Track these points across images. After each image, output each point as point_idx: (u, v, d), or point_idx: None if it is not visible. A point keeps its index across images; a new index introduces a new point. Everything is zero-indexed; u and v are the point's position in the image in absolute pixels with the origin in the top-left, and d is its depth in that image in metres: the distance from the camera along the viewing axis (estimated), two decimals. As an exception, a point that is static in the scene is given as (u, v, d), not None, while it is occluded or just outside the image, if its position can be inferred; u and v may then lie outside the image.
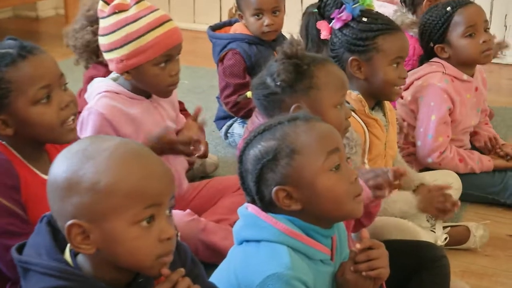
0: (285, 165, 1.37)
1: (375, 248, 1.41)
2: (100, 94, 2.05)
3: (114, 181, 1.14)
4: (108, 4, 2.02)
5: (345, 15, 2.10)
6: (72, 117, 1.70)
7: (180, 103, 2.69)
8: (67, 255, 1.22)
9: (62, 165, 1.17)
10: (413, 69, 2.65)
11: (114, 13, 1.99)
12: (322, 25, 2.18)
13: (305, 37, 2.36)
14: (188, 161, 2.27)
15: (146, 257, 1.18)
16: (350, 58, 2.08)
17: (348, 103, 1.97)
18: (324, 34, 2.17)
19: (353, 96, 2.09)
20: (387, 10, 3.17)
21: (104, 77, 2.16)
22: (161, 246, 1.18)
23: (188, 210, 2.09)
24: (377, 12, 2.17)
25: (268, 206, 1.41)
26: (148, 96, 2.13)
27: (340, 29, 2.12)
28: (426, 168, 2.51)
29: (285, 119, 1.42)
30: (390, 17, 3.03)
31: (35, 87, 1.61)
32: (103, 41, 2.03)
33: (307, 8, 2.50)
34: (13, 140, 1.66)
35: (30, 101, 1.61)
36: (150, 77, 2.02)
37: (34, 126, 1.63)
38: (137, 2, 2.00)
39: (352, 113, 2.01)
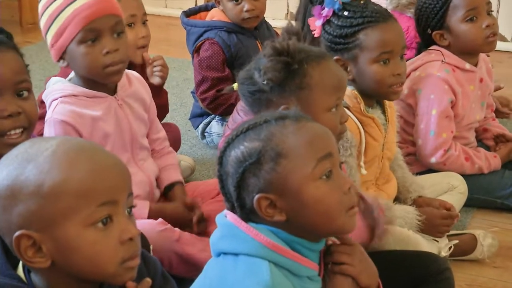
0: (269, 170, 1.36)
1: (347, 244, 1.47)
2: (56, 101, 2.05)
3: (59, 181, 1.14)
4: None
5: (326, 10, 2.11)
6: (18, 131, 1.69)
7: (164, 92, 2.70)
8: (20, 270, 1.23)
9: (1, 173, 1.17)
10: (417, 47, 2.68)
11: None
12: (312, 22, 2.18)
13: (302, 21, 2.35)
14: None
15: (109, 263, 1.17)
16: (334, 58, 2.04)
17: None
18: (316, 32, 2.17)
19: (347, 92, 2.09)
20: None
21: None
22: (124, 248, 1.18)
23: (160, 219, 2.10)
24: (364, 2, 2.14)
25: (249, 214, 1.40)
26: (112, 92, 2.13)
27: (323, 26, 2.13)
28: (428, 170, 2.53)
29: (273, 117, 1.41)
30: (385, 0, 3.08)
31: None
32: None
33: None
34: None
35: None
36: (80, 58, 2.00)
37: None
38: None
39: (347, 111, 2.03)
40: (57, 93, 2.06)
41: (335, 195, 1.37)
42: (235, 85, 1.89)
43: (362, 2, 2.14)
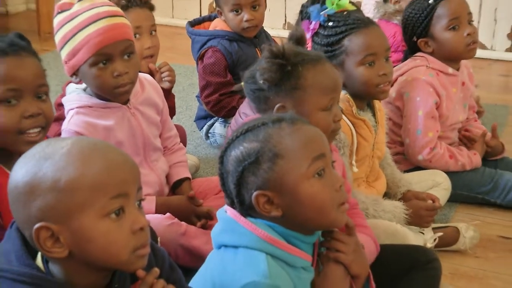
0: (267, 169, 1.36)
1: (350, 234, 1.49)
2: (72, 111, 2.05)
3: (75, 177, 1.15)
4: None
5: (313, 24, 2.12)
6: (36, 130, 1.69)
7: (172, 95, 2.70)
8: (39, 260, 1.23)
9: (20, 170, 1.18)
10: (404, 54, 2.68)
11: (58, 12, 2.00)
12: None
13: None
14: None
15: (122, 251, 1.18)
16: None
17: None
18: (308, 46, 2.17)
19: (340, 95, 2.10)
20: (372, 1, 3.23)
21: None
22: (135, 237, 1.19)
23: (168, 214, 2.10)
24: (348, 12, 2.15)
25: (248, 210, 1.41)
26: (125, 102, 2.12)
27: (312, 38, 2.13)
28: (415, 168, 2.53)
29: (270, 120, 1.41)
30: (372, 10, 3.09)
31: (3, 87, 1.63)
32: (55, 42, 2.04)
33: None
34: None
35: None
36: (91, 79, 2.00)
37: None
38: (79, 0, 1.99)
39: None
40: (74, 103, 2.06)
41: (328, 192, 1.38)
42: (243, 84, 1.89)
43: (345, 13, 2.14)
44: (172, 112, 2.73)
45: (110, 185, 1.17)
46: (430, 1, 2.53)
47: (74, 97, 2.07)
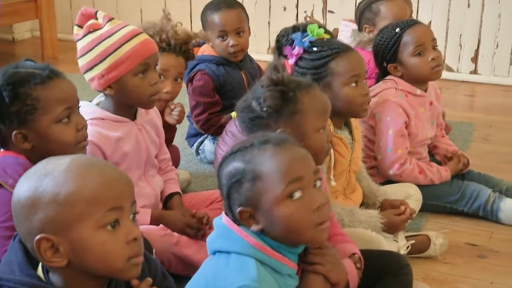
0: (248, 188, 1.36)
1: (322, 247, 1.47)
2: (88, 122, 2.05)
3: (73, 190, 1.15)
4: (81, 27, 2.02)
5: (297, 49, 2.11)
6: (85, 139, 1.75)
7: (174, 128, 2.67)
8: (40, 271, 1.22)
9: (23, 186, 1.18)
10: (376, 77, 2.69)
11: (89, 32, 2.00)
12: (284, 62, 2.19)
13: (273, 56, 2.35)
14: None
15: (117, 260, 1.18)
16: None
17: None
18: (288, 71, 2.17)
19: None
20: (348, 28, 3.24)
21: None
22: (130, 247, 1.19)
23: (161, 225, 2.08)
24: (326, 39, 2.16)
25: (235, 221, 1.41)
26: (133, 117, 2.13)
27: (296, 63, 2.13)
28: (388, 181, 2.53)
29: (258, 141, 1.40)
30: (349, 36, 3.10)
31: (60, 107, 1.66)
32: (82, 62, 2.03)
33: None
34: (29, 154, 1.67)
35: (54, 120, 1.66)
36: (131, 88, 2.02)
37: (52, 143, 1.66)
38: (109, 20, 2.01)
39: None
40: (88, 115, 2.04)
41: (303, 213, 1.35)
42: (234, 114, 1.88)
43: (325, 39, 2.15)
44: (170, 141, 2.71)
45: (106, 199, 1.16)
46: (397, 30, 2.54)
47: (88, 109, 2.07)
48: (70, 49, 4.90)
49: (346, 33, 3.17)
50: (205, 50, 3.04)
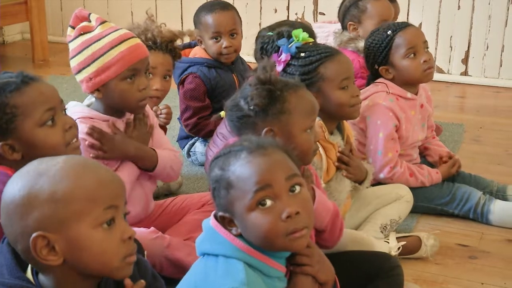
0: (223, 195, 1.36)
1: (309, 246, 1.45)
2: (76, 121, 2.04)
3: (71, 188, 1.15)
4: (74, 28, 2.02)
5: (284, 56, 2.11)
6: (75, 138, 1.71)
7: (163, 129, 2.66)
8: (29, 273, 1.22)
9: (16, 185, 1.17)
10: (364, 80, 2.69)
11: (80, 34, 2.00)
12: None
13: (260, 60, 2.36)
14: None
15: (113, 258, 1.19)
16: None
17: None
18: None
19: None
20: (326, 29, 3.23)
21: None
22: (125, 245, 1.20)
23: (152, 228, 2.08)
24: (313, 43, 2.17)
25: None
26: (120, 116, 2.12)
27: (284, 70, 2.13)
28: (379, 183, 2.53)
29: (235, 148, 1.39)
30: (324, 37, 3.11)
31: (40, 109, 1.61)
32: (73, 63, 2.03)
33: (260, 32, 2.49)
34: (21, 165, 1.64)
35: (36, 124, 1.61)
36: (118, 92, 2.01)
37: (41, 149, 1.61)
38: (101, 23, 2.01)
39: None
40: (77, 114, 2.04)
41: (270, 222, 1.33)
42: (222, 113, 1.87)
43: (311, 43, 2.15)
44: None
45: (103, 197, 1.18)
46: (388, 32, 2.54)
47: (77, 109, 2.07)
48: (61, 51, 4.94)
49: (321, 34, 3.17)
50: (196, 53, 3.04)
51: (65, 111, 1.71)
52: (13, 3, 4.65)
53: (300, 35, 2.12)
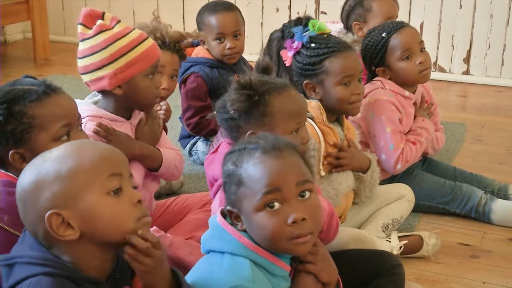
0: (233, 191, 1.38)
1: (315, 245, 1.47)
2: (85, 119, 2.05)
3: (73, 164, 1.22)
4: (87, 27, 2.03)
5: (296, 43, 2.14)
6: None
7: (164, 128, 2.67)
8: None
9: (24, 177, 1.25)
10: (366, 79, 2.70)
11: (101, 31, 2.01)
12: (284, 54, 2.21)
13: (276, 53, 2.36)
14: None
15: (128, 221, 1.24)
16: (304, 82, 2.14)
17: (308, 111, 1.94)
18: (287, 62, 2.20)
19: (312, 104, 2.12)
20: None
21: None
22: (136, 208, 1.25)
23: (154, 227, 2.08)
24: (327, 35, 2.18)
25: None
26: (128, 117, 2.14)
27: (294, 56, 2.15)
28: (390, 177, 2.54)
29: (250, 145, 1.40)
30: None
31: (58, 124, 1.61)
32: (90, 60, 2.02)
33: (272, 34, 2.49)
34: None
35: (52, 138, 1.60)
36: (141, 88, 2.05)
37: None
38: (117, 22, 2.04)
39: (310, 120, 2.04)
40: (86, 112, 2.05)
41: (275, 225, 1.34)
42: (215, 113, 1.89)
43: (325, 35, 2.16)
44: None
45: (105, 166, 1.23)
46: (383, 34, 2.54)
47: (85, 107, 2.08)
48: (62, 50, 4.95)
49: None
50: (199, 52, 3.04)
51: (81, 126, 1.71)
52: (14, 2, 4.65)
53: (316, 24, 2.15)
